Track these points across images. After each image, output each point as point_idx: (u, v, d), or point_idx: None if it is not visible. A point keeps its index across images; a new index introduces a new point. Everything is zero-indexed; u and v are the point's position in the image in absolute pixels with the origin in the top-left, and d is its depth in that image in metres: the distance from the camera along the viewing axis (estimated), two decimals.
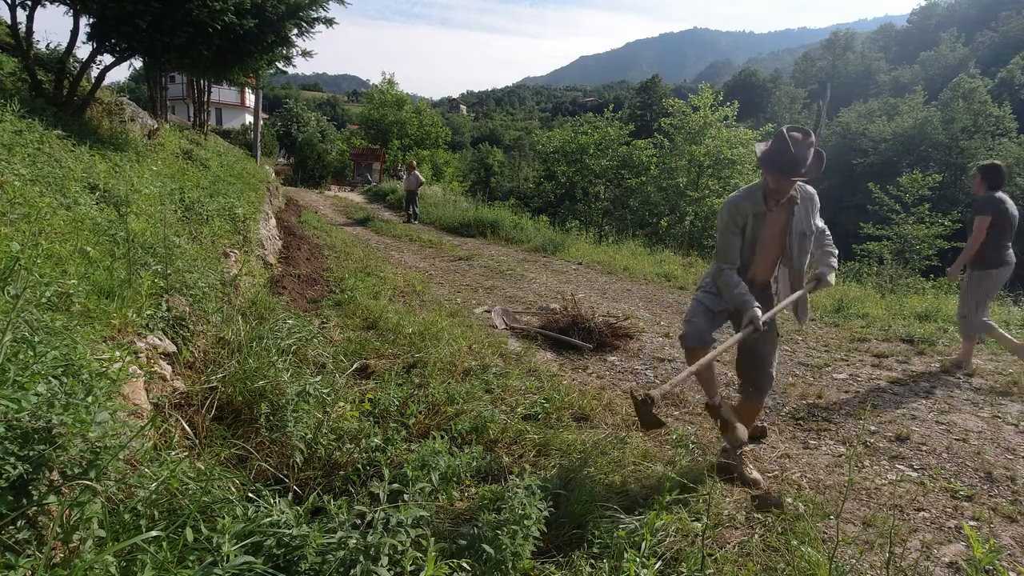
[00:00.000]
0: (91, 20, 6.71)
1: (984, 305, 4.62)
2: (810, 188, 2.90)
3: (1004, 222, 4.50)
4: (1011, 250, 4.60)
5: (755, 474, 2.95)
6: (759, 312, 2.71)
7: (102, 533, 1.51)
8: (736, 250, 2.87)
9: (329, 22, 8.33)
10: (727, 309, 2.95)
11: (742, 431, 2.93)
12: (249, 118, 35.30)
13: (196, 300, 3.59)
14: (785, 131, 2.72)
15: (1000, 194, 4.59)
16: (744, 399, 3.11)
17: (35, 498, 1.47)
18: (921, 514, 2.71)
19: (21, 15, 6.65)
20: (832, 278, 3.02)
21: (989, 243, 4.53)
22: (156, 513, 1.74)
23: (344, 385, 3.29)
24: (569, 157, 23.98)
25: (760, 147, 2.84)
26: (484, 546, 1.96)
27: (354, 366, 3.76)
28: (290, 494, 2.33)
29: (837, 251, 3.08)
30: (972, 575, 1.76)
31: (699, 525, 2.32)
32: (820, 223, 2.98)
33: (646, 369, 4.72)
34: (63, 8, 6.87)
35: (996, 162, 4.81)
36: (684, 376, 2.59)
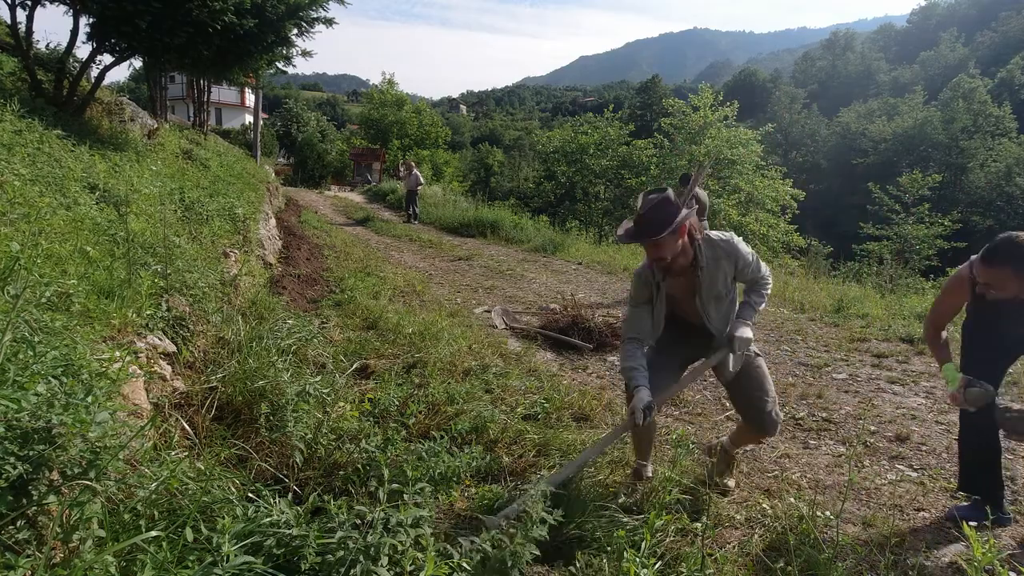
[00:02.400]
0: (91, 20, 6.71)
1: None
2: (723, 242, 2.55)
3: (700, 207, 6.81)
4: (705, 222, 6.81)
5: (731, 482, 2.86)
6: (643, 399, 2.42)
7: (102, 533, 1.51)
8: (644, 324, 2.62)
9: (329, 22, 8.33)
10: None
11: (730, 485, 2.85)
12: (249, 118, 35.28)
13: (196, 300, 3.59)
14: (642, 194, 2.49)
15: (698, 190, 6.96)
16: (747, 430, 2.85)
17: (35, 498, 1.47)
18: (921, 514, 2.71)
19: (21, 15, 6.67)
20: (746, 332, 2.56)
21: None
22: (156, 513, 1.73)
23: (344, 385, 3.29)
24: (569, 157, 24.00)
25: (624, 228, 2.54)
26: (484, 545, 1.96)
27: (354, 366, 3.76)
28: (290, 494, 2.33)
29: (763, 301, 2.68)
30: (972, 575, 1.76)
31: (699, 525, 2.32)
32: (759, 271, 2.64)
33: None
34: (63, 8, 6.88)
35: (687, 172, 7.66)
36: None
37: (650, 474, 2.76)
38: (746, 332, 2.56)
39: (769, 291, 2.72)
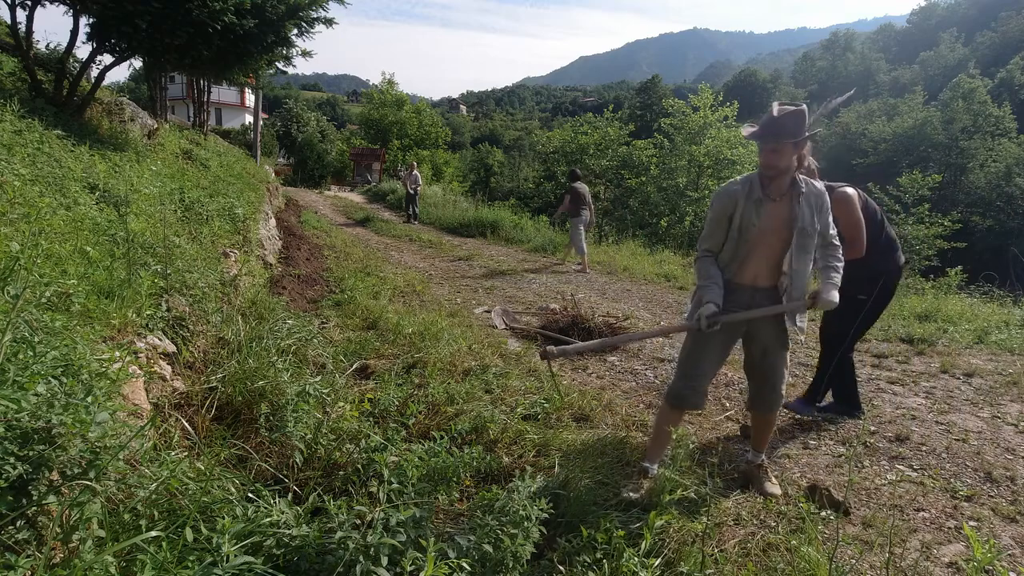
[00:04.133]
0: (91, 20, 6.71)
1: (579, 234, 9.29)
2: (819, 185, 2.69)
3: (578, 197, 9.24)
4: (586, 209, 9.28)
5: (775, 488, 2.82)
6: (712, 310, 2.59)
7: (102, 533, 1.51)
8: (719, 239, 2.72)
9: (329, 22, 8.33)
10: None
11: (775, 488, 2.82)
12: (249, 118, 35.28)
13: (196, 300, 3.59)
14: (776, 103, 2.62)
15: (577, 184, 9.42)
16: (754, 414, 2.95)
17: (35, 498, 1.47)
18: (921, 514, 2.71)
19: (21, 15, 6.67)
20: (834, 296, 2.66)
21: (574, 207, 9.27)
22: (156, 513, 1.73)
23: (344, 385, 3.29)
24: (569, 157, 24.02)
25: (748, 128, 2.71)
26: (484, 545, 1.96)
27: (354, 366, 3.76)
28: (290, 494, 2.34)
29: (842, 265, 2.76)
30: (972, 575, 1.76)
31: (699, 525, 2.33)
32: (832, 230, 2.74)
33: (646, 369, 4.71)
34: (63, 8, 6.87)
35: (574, 169, 10.07)
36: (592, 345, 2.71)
37: (654, 473, 2.76)
38: (834, 295, 2.65)
39: (840, 265, 2.75)
